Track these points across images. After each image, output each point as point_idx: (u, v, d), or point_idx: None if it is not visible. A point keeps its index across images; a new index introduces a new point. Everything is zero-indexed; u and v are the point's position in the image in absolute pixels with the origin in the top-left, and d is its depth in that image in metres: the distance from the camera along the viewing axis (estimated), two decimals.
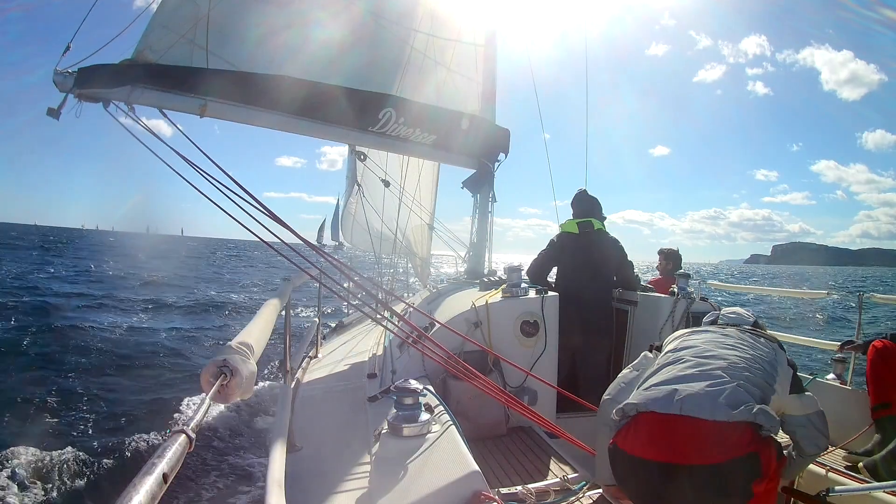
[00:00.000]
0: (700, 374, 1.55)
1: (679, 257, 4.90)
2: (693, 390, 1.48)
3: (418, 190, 5.66)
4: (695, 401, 1.46)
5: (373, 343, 4.19)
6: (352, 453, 2.29)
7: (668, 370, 1.64)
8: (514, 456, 2.54)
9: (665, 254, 4.91)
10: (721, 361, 1.61)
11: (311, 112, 3.50)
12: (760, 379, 1.59)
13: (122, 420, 5.65)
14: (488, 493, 1.54)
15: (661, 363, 1.72)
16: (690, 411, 1.44)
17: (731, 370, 1.56)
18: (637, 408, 1.54)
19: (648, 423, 1.51)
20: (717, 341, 1.75)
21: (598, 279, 3.58)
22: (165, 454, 0.81)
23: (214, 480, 4.62)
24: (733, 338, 1.78)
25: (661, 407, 1.49)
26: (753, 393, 1.51)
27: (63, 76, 2.63)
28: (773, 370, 1.68)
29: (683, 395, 1.48)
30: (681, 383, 1.53)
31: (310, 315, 7.22)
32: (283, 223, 2.53)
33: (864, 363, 3.06)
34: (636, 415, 1.54)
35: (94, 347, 8.28)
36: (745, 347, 1.72)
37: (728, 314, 2.07)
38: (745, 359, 1.64)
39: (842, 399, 3.09)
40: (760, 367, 1.64)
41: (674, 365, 1.65)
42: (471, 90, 4.59)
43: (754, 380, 1.56)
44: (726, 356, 1.64)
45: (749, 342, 1.76)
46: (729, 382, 1.50)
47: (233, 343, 1.41)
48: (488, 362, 2.85)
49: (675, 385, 1.52)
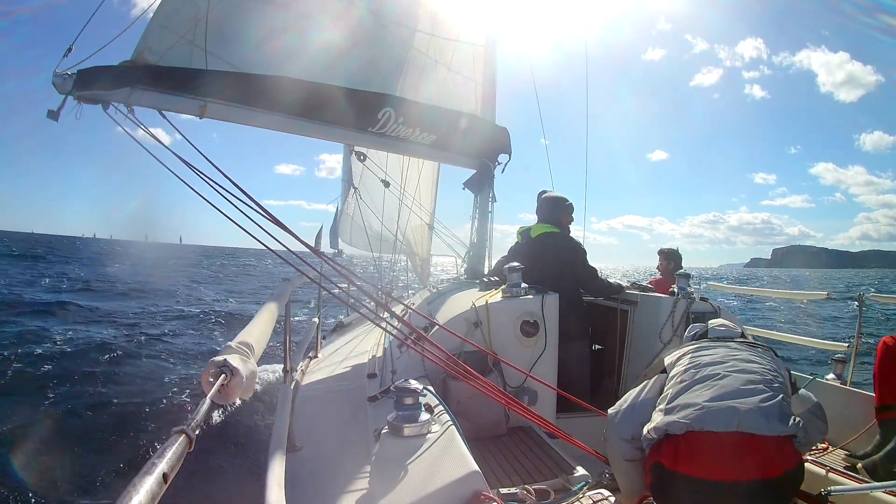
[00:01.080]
0: (747, 388, 1.55)
1: (679, 257, 4.89)
2: (748, 406, 1.49)
3: (418, 190, 5.66)
4: (752, 417, 1.47)
5: (373, 343, 4.20)
6: (352, 453, 2.29)
7: (709, 386, 1.60)
8: (514, 456, 2.54)
9: (665, 254, 4.90)
10: (755, 374, 1.61)
11: (311, 113, 3.50)
12: (784, 387, 1.62)
13: (121, 420, 5.64)
14: (488, 493, 1.54)
15: (690, 380, 1.67)
16: (748, 428, 1.46)
17: (767, 383, 1.57)
18: (688, 427, 1.51)
19: (706, 441, 1.49)
20: (732, 355, 1.74)
21: (556, 286, 3.18)
22: (165, 454, 0.81)
23: (214, 480, 4.62)
24: (744, 350, 1.78)
25: (719, 425, 1.48)
26: (789, 405, 1.55)
27: (62, 78, 2.63)
28: (780, 375, 1.69)
29: (741, 411, 1.48)
30: (732, 399, 1.52)
31: (310, 315, 7.22)
32: (282, 225, 2.53)
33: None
34: (685, 434, 1.52)
35: (94, 348, 8.29)
36: (759, 358, 1.72)
37: (718, 328, 2.03)
38: (767, 369, 1.66)
39: (842, 399, 3.09)
40: (779, 374, 1.67)
41: (713, 381, 1.61)
42: (471, 90, 4.60)
43: (784, 389, 1.59)
44: (753, 369, 1.64)
45: (756, 353, 1.77)
46: (775, 396, 1.52)
47: (233, 343, 1.41)
48: (488, 362, 2.85)
49: (728, 401, 1.51)
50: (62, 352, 8.10)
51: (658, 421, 1.59)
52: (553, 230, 3.57)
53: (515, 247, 3.73)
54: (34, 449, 4.62)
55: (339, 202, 8.11)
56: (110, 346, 8.70)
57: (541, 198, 3.73)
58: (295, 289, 2.97)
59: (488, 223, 4.77)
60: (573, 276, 3.49)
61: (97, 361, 7.72)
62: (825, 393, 3.04)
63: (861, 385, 3.55)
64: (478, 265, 4.68)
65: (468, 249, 4.87)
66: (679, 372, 1.74)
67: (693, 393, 1.61)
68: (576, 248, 3.56)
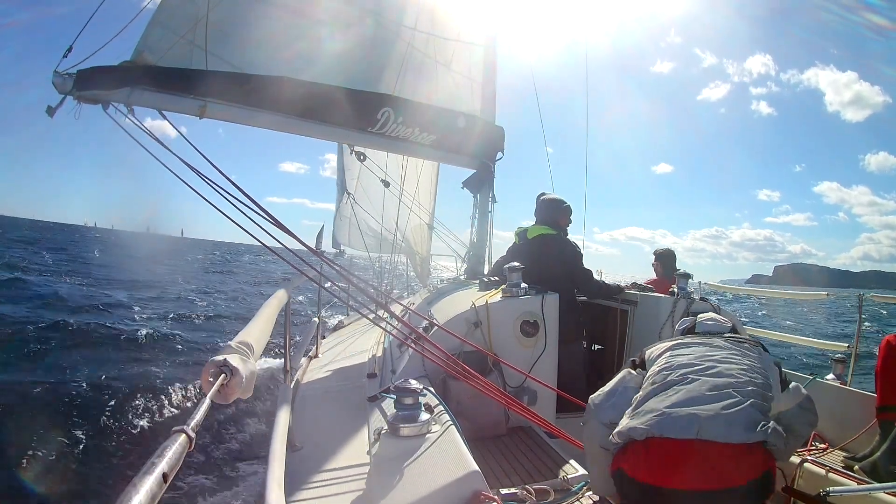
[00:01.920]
0: (711, 394, 1.49)
1: (673, 256, 4.99)
2: (709, 413, 1.44)
3: (417, 190, 5.67)
4: (713, 424, 1.42)
5: (373, 343, 4.20)
6: (352, 453, 2.29)
7: (674, 391, 1.56)
8: (514, 456, 2.54)
9: (658, 254, 5.03)
10: (726, 378, 1.54)
11: (310, 113, 3.50)
12: (762, 389, 1.55)
13: (121, 420, 5.64)
14: (488, 493, 1.54)
15: (660, 382, 1.63)
16: (709, 435, 1.40)
17: (739, 386, 1.52)
18: (647, 433, 1.48)
19: (664, 448, 1.45)
20: (709, 355, 1.67)
21: (552, 287, 3.21)
22: (165, 454, 0.81)
23: (214, 480, 4.62)
24: (723, 349, 1.71)
25: (678, 432, 1.44)
26: (763, 408, 1.48)
27: (62, 78, 2.63)
28: (767, 374, 1.64)
29: (701, 418, 1.43)
30: (694, 405, 1.46)
31: (310, 315, 7.24)
32: (282, 226, 2.53)
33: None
34: (645, 440, 1.49)
35: (91, 346, 8.28)
36: (739, 357, 1.66)
37: (706, 322, 1.95)
38: (744, 370, 1.59)
39: (842, 399, 3.09)
40: (758, 374, 1.60)
41: (679, 385, 1.57)
42: (471, 90, 4.60)
43: (759, 392, 1.52)
44: (727, 371, 1.58)
45: (739, 350, 1.71)
46: (742, 402, 1.45)
47: (233, 343, 1.41)
48: (488, 362, 2.85)
49: (690, 408, 1.47)
50: (59, 344, 8.09)
51: (623, 425, 1.56)
52: (550, 231, 3.57)
53: (513, 247, 3.74)
54: (34, 449, 4.62)
55: (335, 204, 8.14)
56: (109, 340, 8.69)
57: (539, 199, 3.74)
58: (295, 289, 2.97)
59: (488, 223, 4.78)
60: (569, 277, 3.49)
61: (96, 357, 7.72)
62: (825, 393, 3.04)
63: (860, 385, 3.55)
64: (477, 265, 4.68)
65: (468, 249, 4.88)
66: (653, 372, 1.71)
67: (658, 398, 1.56)
68: (571, 249, 3.56)
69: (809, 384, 2.72)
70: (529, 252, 3.50)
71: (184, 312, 12.83)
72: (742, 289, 8.69)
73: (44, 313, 10.16)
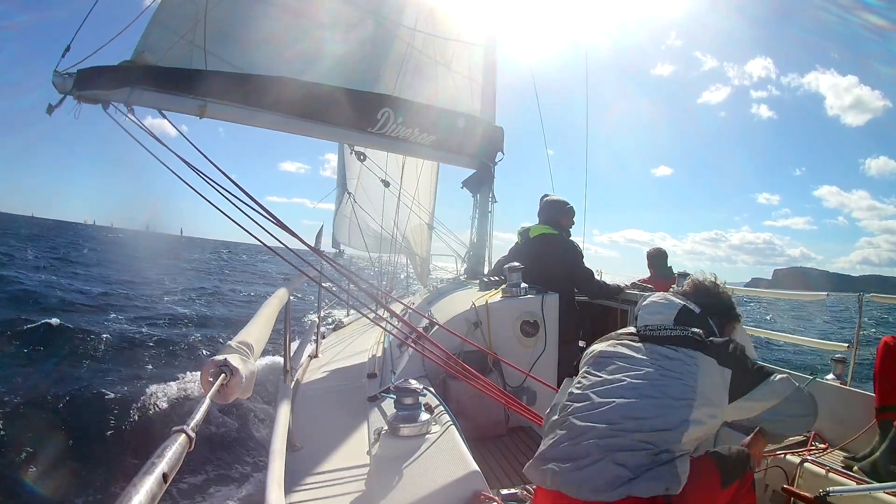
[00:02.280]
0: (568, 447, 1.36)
1: (664, 255, 5.12)
2: (565, 467, 1.31)
3: (417, 190, 5.67)
4: (567, 480, 1.29)
5: (373, 343, 4.20)
6: (352, 453, 2.29)
7: (551, 437, 1.44)
8: (514, 456, 2.54)
9: (649, 255, 5.18)
10: (597, 424, 1.35)
11: (310, 113, 3.50)
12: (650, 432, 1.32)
13: (121, 419, 5.64)
14: (488, 493, 1.54)
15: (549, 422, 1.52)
16: (568, 492, 1.28)
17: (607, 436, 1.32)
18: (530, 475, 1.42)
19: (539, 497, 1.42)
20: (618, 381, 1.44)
21: (552, 287, 3.22)
22: (165, 454, 0.81)
23: (214, 480, 4.62)
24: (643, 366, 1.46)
25: (545, 485, 1.36)
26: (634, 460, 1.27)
27: (62, 77, 2.64)
28: (691, 391, 1.39)
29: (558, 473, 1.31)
30: (552, 461, 1.35)
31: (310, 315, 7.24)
32: (283, 225, 2.53)
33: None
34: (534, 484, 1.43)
35: (90, 345, 8.27)
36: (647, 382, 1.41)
37: (647, 315, 1.65)
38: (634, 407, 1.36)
39: (842, 399, 3.08)
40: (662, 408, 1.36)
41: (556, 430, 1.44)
42: (471, 91, 4.60)
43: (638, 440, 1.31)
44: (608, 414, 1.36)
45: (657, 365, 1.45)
46: (598, 459, 1.28)
47: (233, 342, 1.41)
48: (488, 362, 2.85)
49: (549, 464, 1.35)
50: (58, 344, 8.08)
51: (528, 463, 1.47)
52: (551, 231, 3.57)
53: (515, 247, 3.75)
54: (33, 449, 4.62)
55: (335, 204, 8.13)
56: (109, 339, 8.69)
57: (543, 200, 3.75)
58: (295, 288, 2.97)
59: (488, 223, 4.78)
60: (569, 277, 3.49)
61: (95, 356, 7.72)
62: (825, 393, 3.03)
63: (861, 385, 3.55)
64: (477, 265, 4.69)
65: (468, 249, 4.88)
66: (558, 400, 1.63)
67: (545, 439, 1.47)
68: (573, 249, 3.56)
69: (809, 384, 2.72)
70: (530, 251, 3.50)
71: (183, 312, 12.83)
72: (742, 289, 8.67)
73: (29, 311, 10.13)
